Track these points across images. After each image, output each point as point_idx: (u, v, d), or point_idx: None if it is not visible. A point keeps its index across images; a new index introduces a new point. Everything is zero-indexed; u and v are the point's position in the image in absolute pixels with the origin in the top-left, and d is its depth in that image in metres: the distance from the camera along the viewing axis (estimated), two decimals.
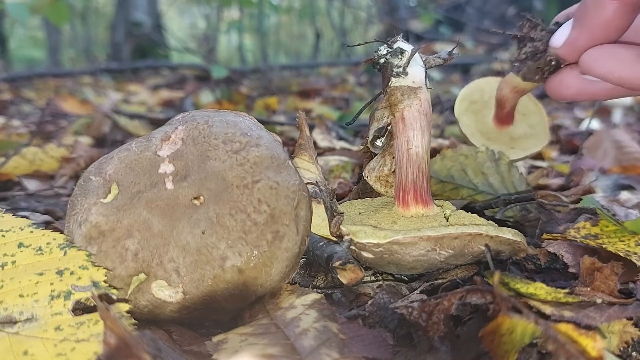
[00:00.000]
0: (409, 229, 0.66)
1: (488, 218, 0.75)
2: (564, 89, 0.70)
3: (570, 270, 0.70)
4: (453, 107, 0.98)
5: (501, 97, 0.86)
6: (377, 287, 0.69)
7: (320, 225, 0.72)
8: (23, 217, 0.63)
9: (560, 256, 0.71)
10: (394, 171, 0.79)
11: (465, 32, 5.38)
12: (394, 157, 0.77)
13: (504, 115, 0.91)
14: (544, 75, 0.72)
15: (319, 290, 0.67)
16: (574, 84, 0.69)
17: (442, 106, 2.47)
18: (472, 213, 0.75)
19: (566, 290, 0.59)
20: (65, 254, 0.59)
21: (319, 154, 1.33)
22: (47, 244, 0.60)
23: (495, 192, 0.94)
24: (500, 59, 4.27)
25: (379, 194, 0.84)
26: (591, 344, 0.47)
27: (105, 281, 0.57)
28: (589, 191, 1.06)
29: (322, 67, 5.62)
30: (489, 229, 0.66)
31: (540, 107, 1.00)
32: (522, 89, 0.81)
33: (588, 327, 0.53)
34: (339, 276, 0.63)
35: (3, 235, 0.61)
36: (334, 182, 1.29)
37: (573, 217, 0.92)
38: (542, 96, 3.15)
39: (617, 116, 2.53)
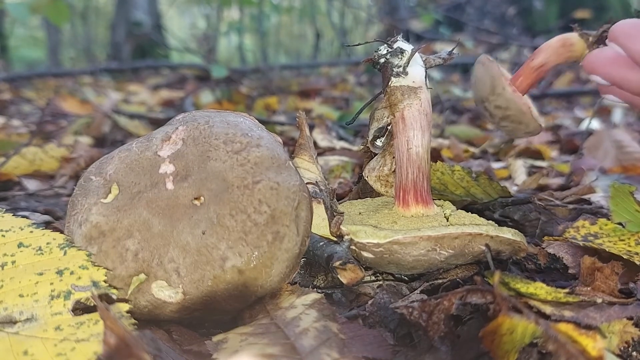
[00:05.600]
0: (409, 229, 0.66)
1: (488, 218, 0.75)
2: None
3: (571, 271, 0.69)
4: (453, 106, 0.96)
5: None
6: (377, 287, 0.69)
7: (320, 225, 0.72)
8: (23, 217, 0.63)
9: (560, 258, 0.71)
10: (394, 171, 0.79)
11: (465, 32, 5.37)
12: (394, 157, 0.77)
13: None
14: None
15: (319, 290, 0.67)
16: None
17: (442, 106, 2.46)
18: (472, 213, 0.75)
19: (566, 290, 0.59)
20: (65, 253, 0.59)
21: (319, 154, 1.33)
22: (47, 244, 0.60)
23: (480, 200, 0.93)
24: (500, 58, 4.26)
25: (379, 194, 0.84)
26: (591, 343, 0.47)
27: (105, 281, 0.57)
28: (590, 191, 1.06)
29: (322, 67, 5.62)
30: (489, 228, 0.66)
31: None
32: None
33: (588, 327, 0.53)
34: (339, 276, 0.63)
35: (3, 235, 0.61)
36: (334, 182, 1.29)
37: (573, 217, 0.92)
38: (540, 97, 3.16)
39: (617, 116, 2.53)
